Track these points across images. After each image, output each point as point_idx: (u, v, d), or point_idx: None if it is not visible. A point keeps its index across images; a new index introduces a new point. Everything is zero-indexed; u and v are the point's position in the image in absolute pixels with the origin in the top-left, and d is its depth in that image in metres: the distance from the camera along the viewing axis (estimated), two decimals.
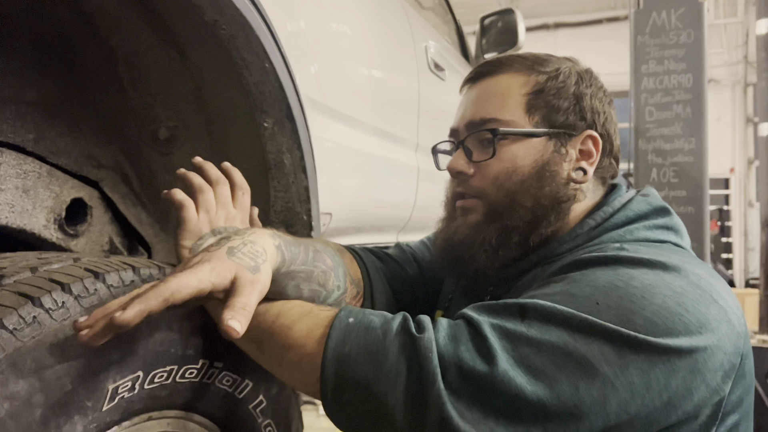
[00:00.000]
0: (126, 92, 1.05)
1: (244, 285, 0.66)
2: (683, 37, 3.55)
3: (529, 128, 0.86)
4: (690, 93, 3.54)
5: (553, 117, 0.86)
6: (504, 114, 0.86)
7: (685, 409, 0.64)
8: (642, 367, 0.62)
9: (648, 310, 0.64)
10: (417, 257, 1.10)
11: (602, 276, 0.69)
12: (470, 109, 0.90)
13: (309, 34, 1.21)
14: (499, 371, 0.62)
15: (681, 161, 3.51)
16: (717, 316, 0.67)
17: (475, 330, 0.66)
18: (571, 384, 0.61)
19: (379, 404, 0.64)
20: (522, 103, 0.86)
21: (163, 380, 0.70)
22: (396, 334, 0.66)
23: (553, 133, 0.86)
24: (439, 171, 1.01)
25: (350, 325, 0.68)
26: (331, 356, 0.66)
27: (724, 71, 8.35)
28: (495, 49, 2.72)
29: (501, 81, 0.89)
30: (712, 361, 0.65)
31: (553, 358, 0.62)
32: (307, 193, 1.07)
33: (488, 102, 0.88)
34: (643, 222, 0.82)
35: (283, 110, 1.02)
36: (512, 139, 0.85)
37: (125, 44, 1.00)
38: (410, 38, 1.82)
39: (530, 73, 0.88)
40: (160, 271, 0.74)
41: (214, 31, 0.94)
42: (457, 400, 0.62)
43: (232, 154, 1.09)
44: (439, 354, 0.64)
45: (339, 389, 0.65)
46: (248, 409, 0.81)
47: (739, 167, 8.49)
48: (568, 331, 0.63)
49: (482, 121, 0.87)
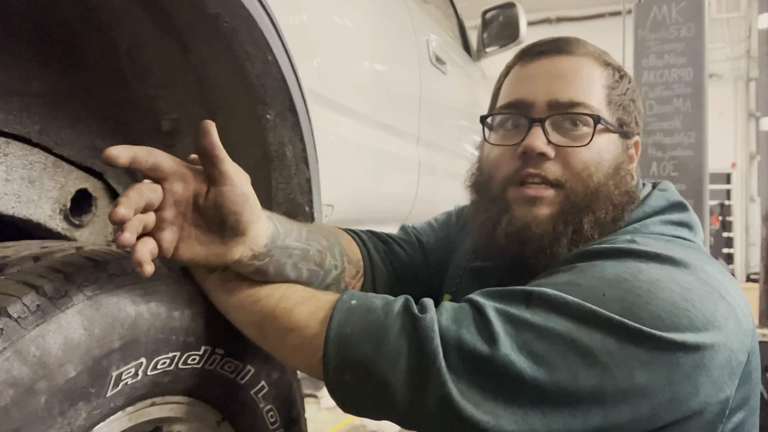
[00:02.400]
0: (129, 85, 1.06)
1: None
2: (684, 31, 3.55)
3: (613, 122, 0.84)
4: (690, 87, 3.54)
5: (624, 117, 0.85)
6: (593, 101, 0.82)
7: (691, 405, 0.64)
8: (644, 360, 0.62)
9: (654, 304, 0.64)
10: (421, 240, 1.09)
11: (610, 268, 0.69)
12: (552, 87, 0.82)
13: (311, 27, 1.21)
14: (500, 354, 0.62)
15: (680, 155, 3.52)
16: (725, 313, 0.67)
17: (479, 313, 0.66)
18: (571, 371, 0.62)
19: (380, 383, 0.64)
20: (604, 94, 0.84)
21: (165, 367, 0.71)
22: (397, 315, 0.67)
23: (623, 132, 0.85)
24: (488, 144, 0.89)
25: (352, 306, 0.69)
26: (333, 337, 0.67)
27: (726, 66, 8.32)
28: (496, 43, 2.72)
29: (584, 64, 0.84)
30: (719, 358, 0.65)
31: (554, 345, 0.63)
32: (308, 184, 1.07)
33: (575, 84, 0.82)
34: (659, 217, 0.82)
35: (285, 102, 1.02)
36: (599, 130, 0.81)
37: (128, 37, 1.01)
38: (412, 31, 1.82)
39: (606, 65, 0.86)
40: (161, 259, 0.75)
41: (217, 23, 0.95)
42: (457, 379, 0.63)
43: (234, 146, 1.09)
44: (441, 334, 0.64)
45: (341, 370, 0.66)
46: (250, 395, 0.82)
47: (741, 162, 8.48)
48: (572, 319, 0.64)
49: (572, 102, 0.81)
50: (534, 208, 0.80)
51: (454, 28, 2.68)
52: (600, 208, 0.79)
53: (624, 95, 0.86)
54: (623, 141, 0.85)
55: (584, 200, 0.79)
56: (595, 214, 0.79)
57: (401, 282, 1.02)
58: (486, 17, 2.75)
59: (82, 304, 0.62)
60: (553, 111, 0.81)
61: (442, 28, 2.32)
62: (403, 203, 1.84)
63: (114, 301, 0.65)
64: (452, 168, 2.18)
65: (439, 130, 2.08)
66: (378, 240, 1.05)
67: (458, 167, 2.23)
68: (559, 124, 0.81)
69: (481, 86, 2.68)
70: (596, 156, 0.80)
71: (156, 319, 0.69)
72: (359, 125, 1.43)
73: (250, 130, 1.06)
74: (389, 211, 1.79)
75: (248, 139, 1.07)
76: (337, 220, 1.37)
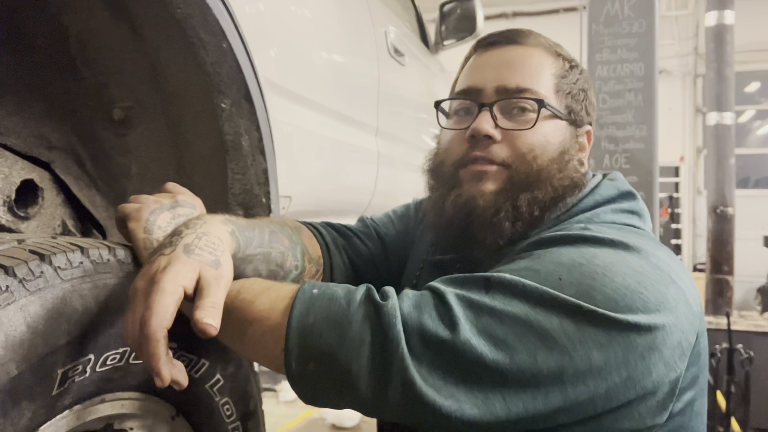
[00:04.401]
0: (79, 71, 1.03)
1: (209, 283, 0.66)
2: (635, 27, 3.64)
3: (560, 109, 0.87)
4: (642, 81, 3.63)
5: (573, 105, 0.88)
6: (540, 88, 0.86)
7: (645, 385, 0.66)
8: (601, 341, 0.64)
9: (609, 287, 0.66)
10: (380, 232, 1.09)
11: (566, 253, 0.71)
12: (502, 74, 0.86)
13: (268, 15, 1.19)
14: (461, 338, 0.63)
15: (632, 148, 3.61)
16: (675, 296, 0.69)
17: (440, 299, 0.67)
18: (531, 354, 0.63)
19: (344, 372, 0.64)
20: (553, 83, 0.87)
21: (115, 362, 0.69)
22: (360, 303, 0.67)
23: (572, 119, 0.88)
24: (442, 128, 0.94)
25: (314, 296, 0.69)
26: (295, 326, 0.66)
27: (675, 62, 8.55)
28: (454, 36, 2.74)
29: (534, 54, 0.88)
30: (670, 339, 0.67)
31: (514, 328, 0.64)
32: (265, 175, 1.06)
33: (524, 71, 0.86)
34: (609, 206, 0.85)
35: (240, 91, 1.01)
36: (545, 116, 0.85)
37: (78, 22, 0.98)
38: (370, 22, 1.82)
39: (557, 55, 0.89)
40: (110, 251, 0.72)
41: (170, 9, 0.92)
42: (419, 365, 0.63)
43: (189, 135, 1.07)
44: (403, 320, 0.65)
45: (303, 359, 0.66)
46: (205, 389, 0.81)
47: (689, 156, 8.75)
48: (530, 303, 0.65)
49: (518, 89, 0.85)
50: (480, 183, 0.84)
51: (413, 20, 2.68)
52: (539, 188, 0.83)
53: (574, 84, 0.89)
54: (571, 128, 0.88)
55: (527, 180, 0.83)
56: (533, 194, 0.83)
57: (360, 275, 1.03)
58: (444, 10, 2.76)
59: (25, 300, 0.60)
60: (500, 96, 0.86)
61: (401, 20, 2.32)
62: (362, 195, 1.84)
63: (60, 296, 0.63)
64: (411, 160, 2.18)
65: (398, 121, 2.08)
66: (337, 233, 1.05)
67: (417, 159, 2.22)
68: (506, 109, 0.86)
69: (440, 79, 2.69)
70: (542, 139, 0.84)
71: (105, 314, 0.67)
72: (317, 116, 1.42)
73: (205, 120, 1.04)
74: (348, 202, 1.78)
75: (203, 128, 1.05)
76: (294, 212, 1.36)
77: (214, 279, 0.67)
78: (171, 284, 0.63)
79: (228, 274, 0.70)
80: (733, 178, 4.36)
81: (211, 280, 0.67)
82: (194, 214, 0.81)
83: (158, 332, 0.61)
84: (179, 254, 0.67)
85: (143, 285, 0.65)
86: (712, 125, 4.30)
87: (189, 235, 0.70)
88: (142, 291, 0.64)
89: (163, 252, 0.68)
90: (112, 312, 0.68)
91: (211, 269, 0.68)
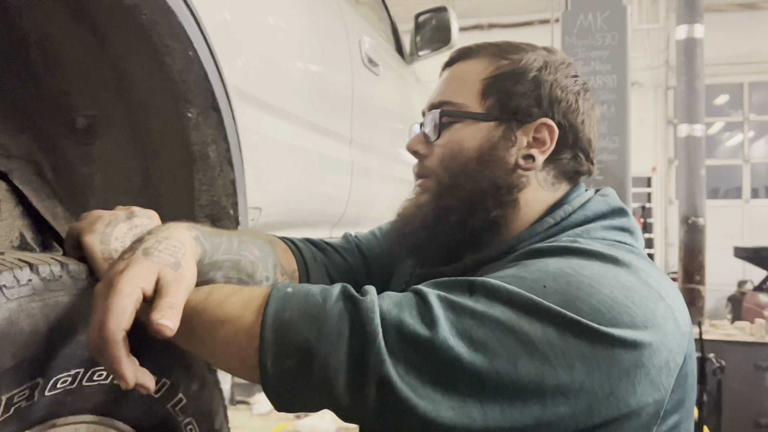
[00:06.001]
0: (40, 78, 0.99)
1: (168, 284, 0.65)
2: (608, 39, 3.69)
3: (480, 111, 0.86)
4: (614, 93, 3.68)
5: (507, 102, 0.85)
6: (457, 97, 0.87)
7: (629, 403, 0.64)
8: (584, 352, 0.62)
9: (595, 298, 0.64)
10: (362, 248, 1.08)
11: (553, 263, 0.70)
12: (435, 92, 0.92)
13: (238, 23, 1.17)
14: (439, 338, 0.61)
15: (605, 159, 3.65)
16: (664, 314, 0.67)
17: (422, 299, 0.66)
18: (511, 360, 0.61)
19: (322, 367, 0.62)
20: (477, 87, 0.87)
21: (67, 385, 0.65)
22: (337, 299, 0.66)
23: (503, 118, 0.85)
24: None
25: (289, 294, 0.67)
26: (270, 323, 0.64)
27: (647, 74, 8.72)
28: (429, 47, 2.74)
29: (466, 66, 0.90)
30: (657, 357, 0.65)
31: (495, 332, 0.62)
32: (233, 186, 1.03)
33: (448, 86, 0.90)
34: (600, 222, 0.82)
35: (208, 100, 0.98)
36: (461, 123, 0.86)
37: (38, 27, 0.94)
38: (344, 32, 1.80)
39: (495, 59, 0.88)
40: (63, 267, 0.69)
41: (135, 15, 0.90)
42: (396, 361, 0.61)
43: (155, 145, 1.04)
44: (382, 317, 0.63)
45: (279, 356, 0.63)
46: (166, 409, 0.78)
47: (661, 166, 8.90)
48: (514, 308, 0.64)
49: (440, 103, 0.89)
50: (418, 196, 0.90)
51: (388, 30, 2.68)
52: (458, 190, 0.85)
53: (513, 81, 0.85)
54: (501, 127, 0.85)
55: (446, 185, 0.86)
56: (456, 194, 0.85)
57: None
58: (419, 21, 2.77)
59: None
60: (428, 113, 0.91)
61: (376, 30, 2.31)
62: (335, 205, 1.82)
63: (5, 317, 0.59)
64: (387, 170, 2.17)
65: (373, 132, 2.07)
66: (315, 248, 1.03)
67: (392, 170, 2.22)
68: (431, 124, 0.89)
69: (415, 89, 2.69)
70: (454, 147, 0.86)
71: (56, 334, 0.64)
72: (289, 125, 1.40)
73: (171, 129, 1.01)
74: (321, 213, 1.76)
75: (170, 138, 1.02)
76: (265, 223, 1.33)
77: (174, 280, 0.66)
78: (128, 285, 0.63)
79: (189, 276, 0.69)
80: (704, 188, 4.44)
81: (171, 280, 0.66)
82: (152, 224, 0.79)
83: (116, 334, 0.60)
84: (138, 257, 0.66)
85: (102, 288, 0.64)
86: (683, 137, 4.38)
87: (149, 240, 0.70)
88: (101, 294, 0.63)
89: (123, 257, 0.67)
90: (64, 332, 0.65)
91: (171, 270, 0.67)
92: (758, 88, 8.87)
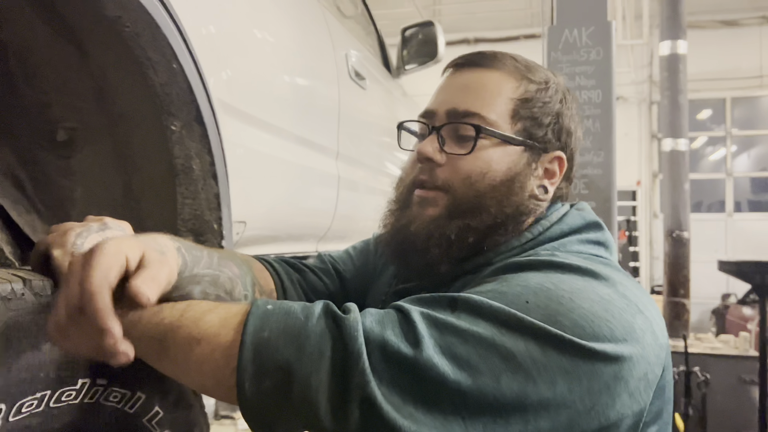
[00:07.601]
0: (19, 89, 0.98)
1: (152, 260, 0.64)
2: (593, 55, 3.72)
3: (511, 134, 0.84)
4: (599, 108, 3.70)
5: (534, 130, 0.85)
6: (490, 113, 0.84)
7: (608, 416, 0.64)
8: (566, 367, 0.62)
9: (576, 313, 0.65)
10: (338, 268, 1.07)
11: (533, 278, 0.70)
12: (455, 97, 0.86)
13: (223, 36, 1.16)
14: (423, 356, 0.60)
15: (591, 173, 3.66)
16: (642, 326, 0.68)
17: (404, 317, 0.65)
18: (494, 376, 0.60)
19: (302, 387, 0.60)
20: (509, 107, 0.85)
21: (32, 409, 0.62)
22: (319, 317, 0.64)
23: (530, 145, 0.85)
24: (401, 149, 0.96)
25: (269, 311, 0.65)
26: (249, 342, 0.62)
27: (631, 89, 8.81)
28: (416, 61, 2.75)
29: (493, 77, 0.86)
30: (636, 369, 0.66)
31: (478, 349, 0.62)
32: (217, 200, 1.02)
33: (476, 95, 0.85)
34: (576, 236, 0.83)
35: (191, 113, 0.97)
36: (492, 141, 0.83)
37: (17, 38, 0.93)
38: (330, 46, 1.80)
39: (522, 78, 0.86)
40: (25, 284, 0.65)
41: (117, 28, 0.89)
42: (380, 381, 0.60)
43: (137, 158, 1.03)
44: (365, 335, 0.62)
45: (258, 376, 0.61)
46: (142, 423, 0.75)
47: (645, 180, 8.97)
48: (496, 324, 0.63)
49: (466, 113, 0.84)
50: (422, 209, 0.85)
51: (375, 44, 2.69)
52: (476, 215, 0.82)
53: (539, 109, 0.86)
54: (527, 154, 0.85)
55: (467, 204, 0.82)
56: (467, 221, 0.82)
57: None
58: (405, 35, 2.77)
59: None
60: (450, 120, 0.85)
61: (362, 44, 2.31)
62: (321, 219, 1.80)
63: None
64: (373, 183, 2.16)
65: (360, 145, 2.06)
66: (291, 269, 1.02)
67: (379, 183, 2.21)
68: (453, 133, 0.85)
69: (402, 103, 2.69)
70: (483, 165, 0.83)
71: (18, 357, 0.61)
72: (274, 138, 1.39)
73: (154, 142, 1.00)
74: (307, 227, 1.75)
75: (152, 151, 1.01)
76: (250, 237, 1.32)
77: (158, 260, 0.65)
78: (114, 248, 0.61)
79: (172, 267, 0.68)
80: (688, 202, 4.47)
81: (155, 259, 0.65)
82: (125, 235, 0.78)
83: (103, 286, 0.58)
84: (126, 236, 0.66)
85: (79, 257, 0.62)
86: (668, 151, 4.42)
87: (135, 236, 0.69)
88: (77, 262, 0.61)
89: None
90: (27, 354, 0.62)
91: (156, 253, 0.66)
92: (740, 104, 9.00)
